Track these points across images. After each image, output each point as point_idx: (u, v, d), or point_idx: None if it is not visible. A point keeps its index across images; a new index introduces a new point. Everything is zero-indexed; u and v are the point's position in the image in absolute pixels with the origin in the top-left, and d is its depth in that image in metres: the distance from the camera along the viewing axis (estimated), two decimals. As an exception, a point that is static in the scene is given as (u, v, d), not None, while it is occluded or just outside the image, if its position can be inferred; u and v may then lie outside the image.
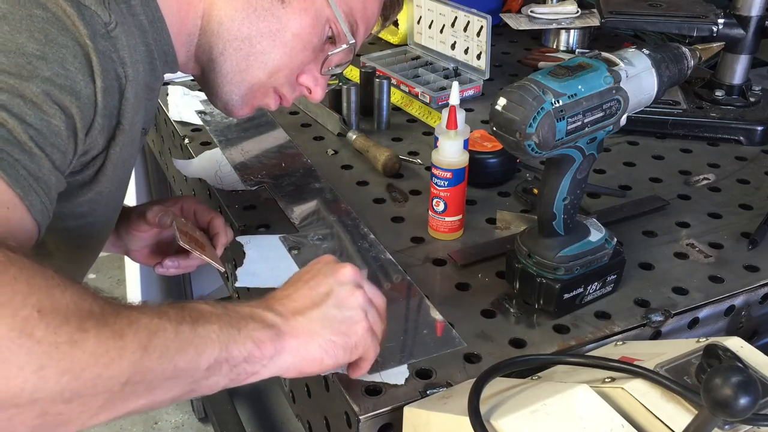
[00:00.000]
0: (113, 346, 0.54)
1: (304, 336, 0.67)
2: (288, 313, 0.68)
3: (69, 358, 0.52)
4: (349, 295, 0.71)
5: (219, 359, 0.61)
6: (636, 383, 0.64)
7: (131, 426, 2.22)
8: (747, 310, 0.95)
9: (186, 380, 0.59)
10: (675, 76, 0.87)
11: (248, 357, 0.63)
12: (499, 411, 0.63)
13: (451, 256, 0.99)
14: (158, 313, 0.59)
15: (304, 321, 0.68)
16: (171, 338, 0.57)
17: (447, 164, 0.99)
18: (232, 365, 0.62)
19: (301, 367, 0.67)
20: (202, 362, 0.59)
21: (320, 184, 1.16)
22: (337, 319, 0.69)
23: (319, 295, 0.70)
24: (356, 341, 0.70)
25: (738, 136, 1.30)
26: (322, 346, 0.68)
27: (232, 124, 1.34)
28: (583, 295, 0.89)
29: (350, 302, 0.71)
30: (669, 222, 1.08)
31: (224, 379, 0.62)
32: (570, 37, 1.67)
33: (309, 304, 0.69)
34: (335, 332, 0.69)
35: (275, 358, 0.65)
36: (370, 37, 1.09)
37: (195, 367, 0.59)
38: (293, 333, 0.67)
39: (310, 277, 0.72)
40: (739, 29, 1.28)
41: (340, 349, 0.69)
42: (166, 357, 0.57)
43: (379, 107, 1.33)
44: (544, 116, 0.76)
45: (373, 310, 0.73)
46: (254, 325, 0.64)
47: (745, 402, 0.50)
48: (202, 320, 0.61)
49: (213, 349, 0.60)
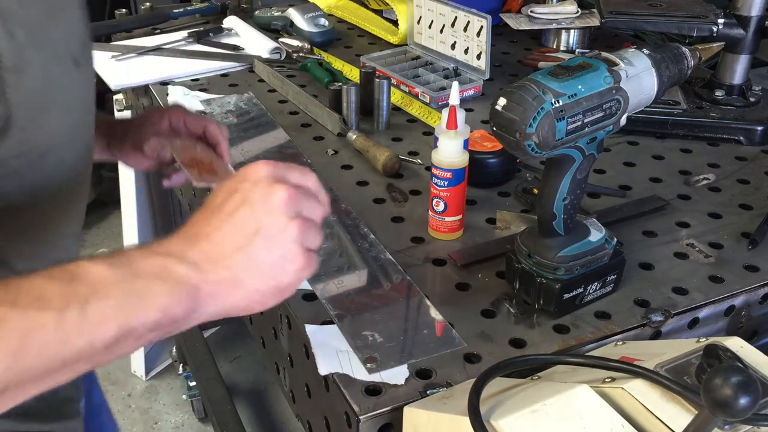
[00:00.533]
0: None
1: (226, 288, 0.58)
2: (205, 262, 0.58)
3: None
4: (281, 229, 0.60)
5: (119, 336, 0.53)
6: (636, 383, 0.64)
7: (131, 426, 2.22)
8: (747, 310, 0.95)
9: (81, 364, 0.53)
10: (675, 76, 0.87)
11: (155, 326, 0.55)
12: (499, 411, 0.63)
13: (451, 256, 0.99)
14: (38, 299, 0.51)
15: (225, 272, 0.58)
16: (51, 333, 0.50)
17: (447, 164, 0.99)
18: (136, 336, 0.55)
19: (225, 314, 0.60)
20: (97, 344, 0.52)
21: (320, 184, 1.16)
22: (266, 262, 0.59)
23: (244, 235, 0.59)
24: (289, 282, 0.61)
25: (738, 136, 1.30)
26: (247, 297, 0.60)
27: (232, 124, 1.34)
28: (583, 295, 0.89)
29: (283, 239, 0.60)
30: (669, 222, 1.08)
31: (131, 348, 0.55)
32: (570, 37, 1.67)
33: (232, 249, 0.59)
34: (264, 279, 0.60)
35: (190, 317, 0.57)
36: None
37: (89, 352, 0.52)
38: (211, 288, 0.58)
39: (234, 208, 0.60)
40: (739, 29, 1.28)
41: (269, 296, 0.61)
42: (47, 354, 0.50)
43: (379, 107, 1.33)
44: (544, 116, 0.76)
45: (311, 230, 0.62)
46: (161, 289, 0.55)
47: (745, 402, 0.50)
48: (95, 297, 0.52)
49: (109, 328, 0.53)
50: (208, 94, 1.44)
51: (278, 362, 0.99)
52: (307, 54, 1.59)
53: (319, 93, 1.43)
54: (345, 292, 0.92)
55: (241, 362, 2.43)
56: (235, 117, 1.37)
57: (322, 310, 0.89)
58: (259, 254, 0.59)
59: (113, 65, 1.54)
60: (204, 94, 1.44)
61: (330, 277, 0.95)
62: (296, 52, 1.60)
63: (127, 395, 2.31)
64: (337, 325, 0.87)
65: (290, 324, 0.91)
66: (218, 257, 0.58)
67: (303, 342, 0.86)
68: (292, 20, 1.70)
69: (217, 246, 0.59)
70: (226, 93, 1.45)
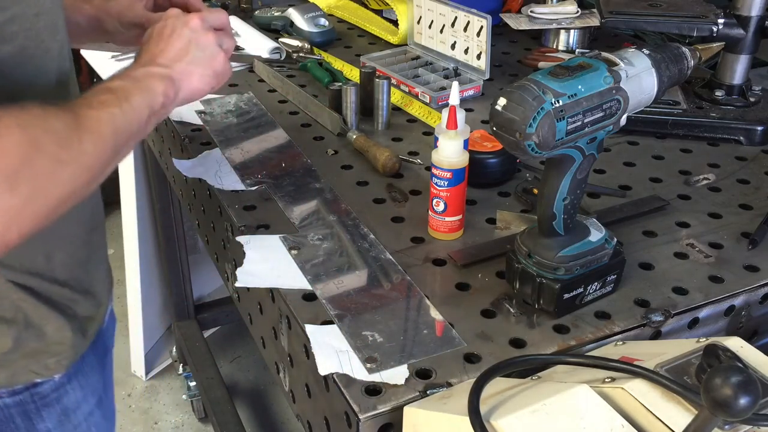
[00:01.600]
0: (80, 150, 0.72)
1: (186, 76, 0.89)
2: (170, 63, 0.88)
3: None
4: (204, 37, 0.92)
5: (150, 114, 0.82)
6: (636, 383, 0.64)
7: (131, 426, 2.22)
8: (747, 310, 0.95)
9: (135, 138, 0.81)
10: (675, 76, 0.87)
11: (161, 106, 0.84)
12: (499, 411, 0.63)
13: (451, 256, 0.99)
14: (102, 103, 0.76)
15: (183, 65, 0.89)
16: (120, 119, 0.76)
17: (447, 164, 0.99)
18: (154, 114, 0.83)
19: (192, 97, 0.91)
20: (142, 123, 0.80)
21: (320, 184, 1.16)
22: (203, 58, 0.91)
23: (183, 45, 0.90)
24: (221, 69, 0.94)
25: (738, 136, 1.30)
26: (200, 80, 0.91)
27: (232, 124, 1.34)
28: (583, 295, 0.89)
29: (206, 42, 0.92)
30: (669, 222, 1.08)
31: (153, 124, 0.84)
32: (570, 37, 1.67)
33: (181, 53, 0.90)
34: (205, 67, 0.91)
35: (175, 98, 0.87)
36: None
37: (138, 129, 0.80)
38: (180, 76, 0.88)
39: (169, 33, 0.90)
40: (739, 29, 1.28)
41: (212, 78, 0.92)
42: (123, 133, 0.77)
43: (379, 107, 1.33)
44: (544, 116, 0.76)
45: (227, 38, 0.96)
46: (157, 82, 0.84)
47: (745, 402, 0.50)
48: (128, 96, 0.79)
49: (144, 111, 0.81)
50: (208, 94, 1.44)
51: (278, 362, 0.99)
52: (307, 54, 1.59)
53: (319, 93, 1.43)
54: (345, 292, 0.92)
55: (241, 362, 2.43)
56: (235, 117, 1.37)
57: (322, 310, 0.89)
58: (196, 54, 0.91)
59: (113, 65, 1.54)
60: (204, 94, 1.44)
61: (330, 277, 0.95)
62: (296, 52, 1.60)
63: (127, 395, 2.31)
64: (337, 325, 0.87)
65: (290, 324, 0.91)
66: (174, 60, 0.89)
67: (303, 342, 0.86)
68: (292, 20, 1.70)
69: (171, 55, 0.89)
70: (226, 93, 1.45)
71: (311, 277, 0.95)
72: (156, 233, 2.13)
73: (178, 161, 1.25)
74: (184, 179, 1.28)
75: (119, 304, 2.28)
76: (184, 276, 2.17)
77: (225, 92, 1.45)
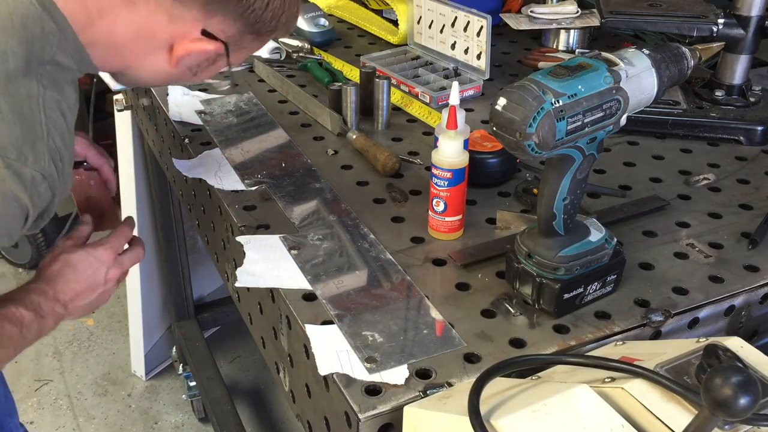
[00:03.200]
0: None
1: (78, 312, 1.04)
2: (73, 306, 1.03)
3: None
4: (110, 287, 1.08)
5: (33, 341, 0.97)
6: (636, 383, 0.64)
7: (131, 426, 2.22)
8: (747, 310, 0.95)
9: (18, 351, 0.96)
10: (675, 76, 0.87)
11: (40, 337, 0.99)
12: (499, 411, 0.63)
13: (451, 256, 0.99)
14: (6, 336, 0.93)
15: (81, 307, 1.04)
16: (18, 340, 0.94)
17: (447, 164, 0.99)
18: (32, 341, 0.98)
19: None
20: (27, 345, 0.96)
21: (320, 184, 1.16)
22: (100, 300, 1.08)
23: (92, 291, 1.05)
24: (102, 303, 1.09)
25: (738, 136, 1.30)
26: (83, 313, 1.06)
27: (232, 124, 1.34)
28: (583, 295, 0.89)
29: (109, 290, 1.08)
30: (669, 222, 1.08)
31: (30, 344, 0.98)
32: (570, 37, 1.67)
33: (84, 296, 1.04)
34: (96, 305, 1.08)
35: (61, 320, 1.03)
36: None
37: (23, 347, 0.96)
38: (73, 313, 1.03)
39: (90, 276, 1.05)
40: (739, 29, 1.28)
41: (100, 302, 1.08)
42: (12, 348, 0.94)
43: (379, 107, 1.33)
44: (544, 116, 0.76)
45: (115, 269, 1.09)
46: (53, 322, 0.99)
47: (745, 402, 0.50)
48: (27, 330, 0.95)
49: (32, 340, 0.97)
50: (208, 94, 1.44)
51: (278, 362, 0.99)
52: (307, 54, 1.59)
53: (319, 93, 1.43)
54: (345, 292, 0.92)
55: (241, 362, 2.43)
56: (235, 117, 1.37)
57: (322, 310, 0.89)
58: (95, 299, 1.06)
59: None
60: (204, 94, 1.44)
61: (330, 277, 0.95)
62: (296, 52, 1.60)
63: (127, 395, 2.31)
64: (337, 325, 0.87)
65: (290, 324, 0.91)
66: (76, 302, 1.03)
67: (303, 342, 0.86)
68: (292, 20, 1.70)
69: (79, 302, 1.04)
70: (227, 93, 1.45)
71: (311, 277, 0.95)
72: (156, 233, 2.13)
73: (178, 161, 1.25)
74: (184, 179, 1.28)
75: (119, 304, 2.27)
76: (184, 276, 2.17)
77: (225, 92, 1.46)
